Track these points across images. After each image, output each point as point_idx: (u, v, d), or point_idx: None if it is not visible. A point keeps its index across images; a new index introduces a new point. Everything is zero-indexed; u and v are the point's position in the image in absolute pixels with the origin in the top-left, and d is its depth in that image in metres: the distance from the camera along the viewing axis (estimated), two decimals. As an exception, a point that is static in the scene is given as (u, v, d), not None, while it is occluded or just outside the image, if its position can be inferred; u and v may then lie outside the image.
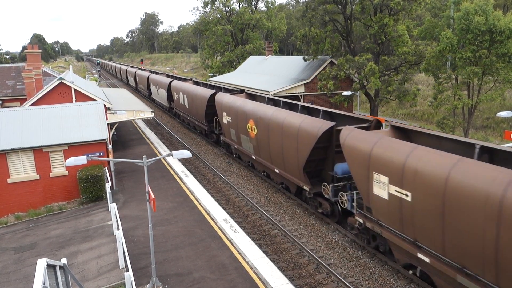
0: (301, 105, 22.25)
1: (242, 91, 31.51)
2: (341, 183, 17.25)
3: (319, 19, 34.78)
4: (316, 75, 36.09)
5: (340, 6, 34.64)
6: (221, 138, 29.83)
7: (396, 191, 12.56)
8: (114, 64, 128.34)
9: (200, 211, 19.15)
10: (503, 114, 18.90)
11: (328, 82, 33.45)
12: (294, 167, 18.93)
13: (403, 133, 14.77)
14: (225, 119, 27.37)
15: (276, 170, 20.97)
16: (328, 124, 16.97)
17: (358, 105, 32.55)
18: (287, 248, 16.64)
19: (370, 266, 14.88)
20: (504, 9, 48.97)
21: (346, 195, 16.39)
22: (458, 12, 26.00)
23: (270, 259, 14.74)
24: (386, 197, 13.07)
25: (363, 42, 34.40)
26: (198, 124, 35.54)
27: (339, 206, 17.53)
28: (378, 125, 16.77)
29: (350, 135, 14.74)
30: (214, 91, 31.79)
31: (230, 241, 15.94)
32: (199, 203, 20.08)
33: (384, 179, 13.00)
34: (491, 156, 11.76)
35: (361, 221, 15.04)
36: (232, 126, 26.30)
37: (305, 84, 36.15)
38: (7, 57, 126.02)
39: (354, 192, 16.25)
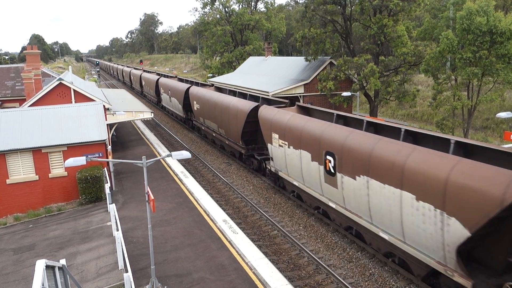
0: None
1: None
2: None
3: (318, 20, 34.79)
4: (316, 76, 36.09)
5: (339, 6, 34.65)
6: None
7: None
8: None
9: (199, 212, 19.12)
10: (502, 115, 18.91)
11: (328, 83, 33.45)
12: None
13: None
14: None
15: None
16: (253, 104, 23.86)
17: (358, 106, 32.54)
18: (287, 249, 16.61)
19: (370, 267, 14.86)
20: (504, 10, 49.02)
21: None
22: (459, 12, 26.00)
23: (270, 260, 14.72)
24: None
25: (363, 43, 34.40)
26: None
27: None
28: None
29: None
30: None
31: (229, 242, 15.91)
32: (199, 204, 20.05)
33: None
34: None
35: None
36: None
37: (304, 84, 36.14)
38: (6, 57, 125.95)
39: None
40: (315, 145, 16.87)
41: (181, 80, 49.06)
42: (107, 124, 25.54)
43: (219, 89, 36.33)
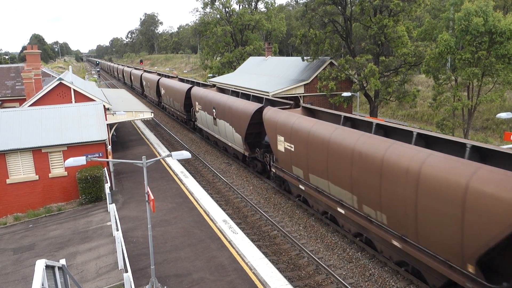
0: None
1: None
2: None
3: (318, 20, 34.78)
4: (316, 76, 36.09)
5: (339, 7, 34.65)
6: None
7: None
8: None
9: (199, 212, 19.12)
10: (502, 115, 18.90)
11: (329, 83, 33.46)
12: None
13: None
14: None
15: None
16: (257, 105, 23.19)
17: (358, 106, 32.55)
18: (287, 249, 16.61)
19: (370, 267, 14.85)
20: (504, 10, 49.02)
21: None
22: (458, 13, 26.02)
23: (270, 260, 14.71)
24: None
25: (363, 43, 34.40)
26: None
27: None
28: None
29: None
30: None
31: (229, 242, 15.91)
32: (199, 204, 20.05)
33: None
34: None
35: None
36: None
37: (304, 85, 36.14)
38: (7, 57, 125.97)
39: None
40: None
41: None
42: (107, 124, 25.55)
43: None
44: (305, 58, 37.48)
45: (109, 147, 23.37)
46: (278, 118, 20.40)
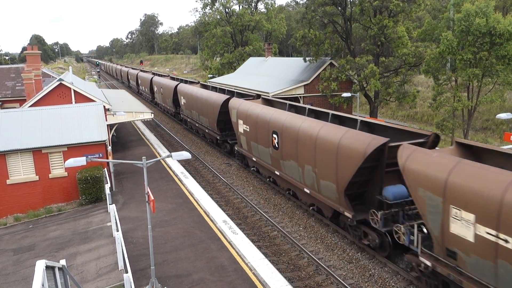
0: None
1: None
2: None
3: (318, 21, 34.82)
4: (316, 77, 36.12)
5: (339, 7, 34.69)
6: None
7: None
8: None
9: (199, 213, 19.13)
10: (502, 116, 18.93)
11: (330, 84, 33.51)
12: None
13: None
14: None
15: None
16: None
17: (358, 107, 32.56)
18: (287, 249, 16.62)
19: (370, 268, 14.86)
20: (503, 11, 49.04)
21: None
22: (458, 14, 26.04)
23: (270, 260, 14.72)
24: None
25: (363, 44, 34.43)
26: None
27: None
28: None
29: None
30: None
31: (229, 242, 15.91)
32: (199, 205, 20.05)
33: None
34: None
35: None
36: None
37: (304, 85, 36.17)
38: (7, 58, 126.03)
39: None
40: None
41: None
42: (107, 125, 25.55)
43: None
44: (307, 59, 37.54)
45: (109, 147, 23.38)
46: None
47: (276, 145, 20.46)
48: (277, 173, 21.10)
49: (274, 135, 20.52)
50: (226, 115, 27.62)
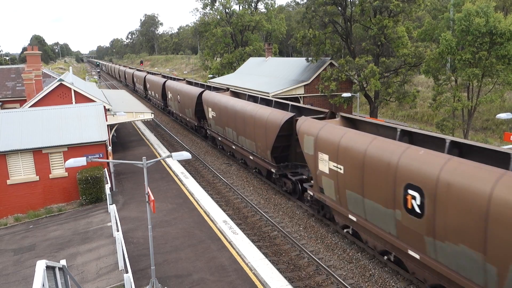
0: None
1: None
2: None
3: (319, 21, 34.84)
4: (316, 77, 36.14)
5: (340, 7, 34.70)
6: None
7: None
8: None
9: (199, 213, 19.14)
10: (502, 116, 18.92)
11: (330, 83, 33.53)
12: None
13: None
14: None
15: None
16: (288, 114, 20.33)
17: (358, 107, 32.56)
18: (287, 249, 16.62)
19: (370, 268, 14.86)
20: (504, 11, 49.05)
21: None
22: (458, 14, 26.05)
23: (270, 260, 14.73)
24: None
25: (363, 43, 34.44)
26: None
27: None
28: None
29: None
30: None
31: (229, 242, 15.92)
32: (199, 205, 20.07)
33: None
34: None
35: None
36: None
37: (304, 85, 36.19)
38: (7, 58, 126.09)
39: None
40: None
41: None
42: (108, 125, 25.57)
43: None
44: (309, 59, 37.57)
45: (110, 147, 23.39)
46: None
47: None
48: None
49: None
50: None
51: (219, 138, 30.00)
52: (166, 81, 47.12)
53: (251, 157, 24.58)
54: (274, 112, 21.50)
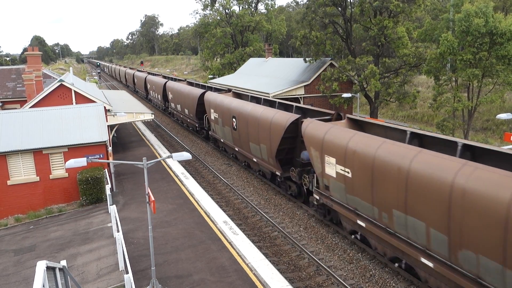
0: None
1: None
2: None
3: (319, 22, 34.85)
4: (316, 77, 36.15)
5: (340, 8, 34.72)
6: None
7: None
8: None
9: (200, 213, 19.14)
10: (503, 116, 18.91)
11: (332, 84, 33.54)
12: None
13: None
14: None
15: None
16: (294, 116, 19.65)
17: (358, 107, 32.55)
18: (287, 250, 16.62)
19: (370, 268, 14.86)
20: (503, 11, 49.05)
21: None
22: (458, 14, 26.06)
23: (270, 261, 14.72)
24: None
25: (364, 44, 34.46)
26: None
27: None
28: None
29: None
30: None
31: (230, 243, 15.92)
32: (199, 205, 20.07)
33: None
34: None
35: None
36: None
37: (305, 86, 36.19)
38: (8, 59, 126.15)
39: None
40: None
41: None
42: (108, 126, 25.58)
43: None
44: (307, 59, 37.57)
45: (110, 148, 23.40)
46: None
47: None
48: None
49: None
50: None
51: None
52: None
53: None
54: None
